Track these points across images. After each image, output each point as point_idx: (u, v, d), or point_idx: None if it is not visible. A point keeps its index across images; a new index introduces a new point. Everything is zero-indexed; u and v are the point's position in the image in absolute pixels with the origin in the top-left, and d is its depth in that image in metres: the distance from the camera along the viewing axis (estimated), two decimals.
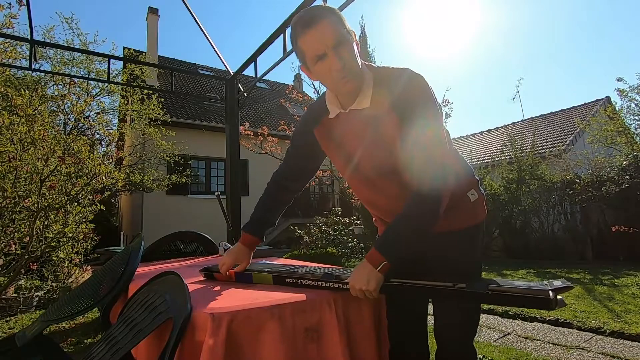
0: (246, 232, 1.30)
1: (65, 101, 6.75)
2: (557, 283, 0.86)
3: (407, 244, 0.99)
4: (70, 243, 4.10)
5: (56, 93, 7.15)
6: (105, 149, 8.71)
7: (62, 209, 3.59)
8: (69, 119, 7.26)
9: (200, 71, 10.99)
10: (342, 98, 1.07)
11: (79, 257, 4.62)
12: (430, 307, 1.18)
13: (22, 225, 3.46)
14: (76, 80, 6.75)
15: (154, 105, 8.44)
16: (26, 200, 3.28)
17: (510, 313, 3.29)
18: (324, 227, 7.18)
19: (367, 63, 1.06)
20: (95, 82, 7.81)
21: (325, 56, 0.94)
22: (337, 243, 6.79)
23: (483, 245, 1.20)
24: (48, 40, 7.05)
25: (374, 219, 1.33)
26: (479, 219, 1.13)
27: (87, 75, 7.46)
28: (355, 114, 1.05)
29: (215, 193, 2.10)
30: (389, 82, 1.01)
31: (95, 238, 4.56)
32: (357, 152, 1.10)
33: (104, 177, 3.85)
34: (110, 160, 5.94)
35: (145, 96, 8.58)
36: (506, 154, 8.72)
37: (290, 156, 1.30)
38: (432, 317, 1.17)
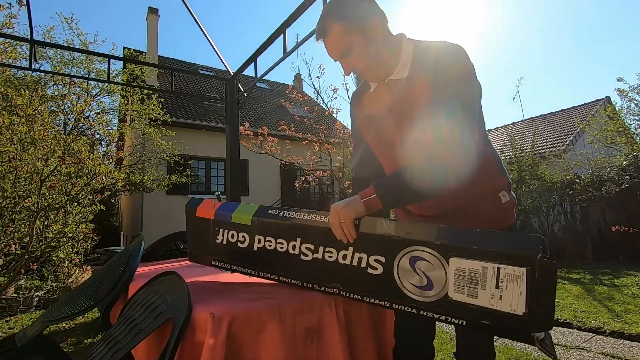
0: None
1: (65, 101, 6.74)
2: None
3: (403, 188, 0.94)
4: (70, 243, 4.10)
5: (56, 93, 7.14)
6: (105, 149, 8.69)
7: (62, 209, 3.59)
8: (69, 119, 7.25)
9: (200, 71, 10.98)
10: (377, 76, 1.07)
11: (79, 257, 4.62)
12: None
13: (22, 225, 3.46)
14: (76, 80, 6.73)
15: (154, 105, 8.42)
16: (26, 200, 3.28)
17: None
18: None
19: (409, 37, 1.04)
20: (95, 82, 7.79)
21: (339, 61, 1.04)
22: None
23: None
24: (48, 40, 7.04)
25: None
26: (507, 223, 1.09)
27: (87, 75, 7.45)
28: (392, 85, 1.05)
29: (216, 193, 2.09)
30: (427, 56, 0.99)
31: (95, 238, 4.56)
32: (387, 125, 1.07)
33: (104, 177, 3.85)
34: (110, 160, 5.94)
35: (145, 96, 8.57)
36: (506, 154, 8.72)
37: (355, 146, 1.27)
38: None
